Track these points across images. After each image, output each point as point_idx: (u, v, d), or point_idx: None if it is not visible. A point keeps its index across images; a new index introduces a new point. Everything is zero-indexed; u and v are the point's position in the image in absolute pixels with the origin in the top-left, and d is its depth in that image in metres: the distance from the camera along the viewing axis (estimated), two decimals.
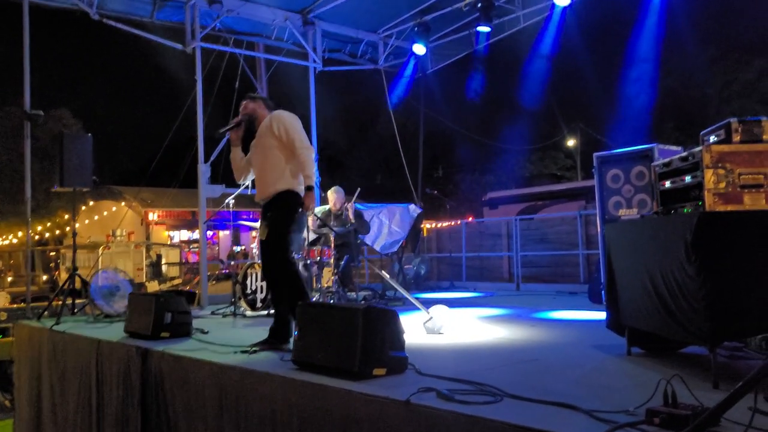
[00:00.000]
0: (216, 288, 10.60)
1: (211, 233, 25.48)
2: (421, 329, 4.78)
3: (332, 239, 6.90)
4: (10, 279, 17.90)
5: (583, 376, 3.21)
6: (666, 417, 2.16)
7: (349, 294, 7.18)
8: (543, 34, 9.37)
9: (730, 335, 2.89)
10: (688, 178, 2.98)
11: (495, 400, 2.59)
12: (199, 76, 8.55)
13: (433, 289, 10.00)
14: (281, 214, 4.37)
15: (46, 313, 6.65)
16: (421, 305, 5.07)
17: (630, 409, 2.35)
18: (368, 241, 8.29)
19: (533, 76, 10.98)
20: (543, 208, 16.51)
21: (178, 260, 19.47)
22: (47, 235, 20.31)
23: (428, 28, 10.01)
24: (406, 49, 10.76)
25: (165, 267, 18.19)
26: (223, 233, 25.90)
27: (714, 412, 2.06)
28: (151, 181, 19.57)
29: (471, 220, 14.38)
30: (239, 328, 5.69)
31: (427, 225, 13.47)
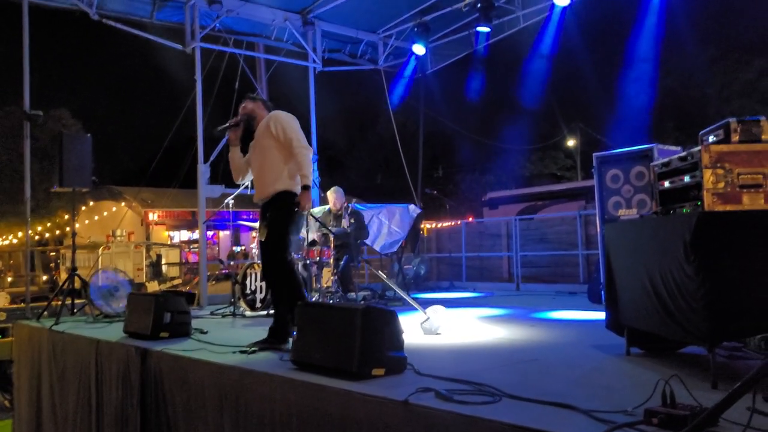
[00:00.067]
0: (216, 288, 10.61)
1: (211, 233, 25.49)
2: (419, 330, 4.77)
3: (332, 239, 6.90)
4: (10, 279, 17.88)
5: (582, 376, 3.20)
6: (664, 417, 2.16)
7: (349, 294, 7.17)
8: (543, 34, 9.37)
9: (728, 335, 2.89)
10: (687, 178, 2.98)
11: (493, 400, 2.59)
12: (198, 77, 8.56)
13: (433, 290, 10.00)
14: (280, 214, 4.38)
15: (45, 313, 6.64)
16: (418, 305, 5.07)
17: (628, 409, 2.35)
18: (368, 241, 8.29)
19: (533, 76, 10.99)
20: (543, 208, 16.51)
21: (178, 260, 19.47)
22: (47, 235, 20.31)
23: (428, 29, 10.01)
24: (406, 49, 10.76)
25: (165, 267, 18.20)
26: (223, 233, 25.91)
27: (712, 412, 2.06)
28: (151, 182, 19.57)
29: (471, 220, 14.37)
30: (238, 328, 5.69)
31: (427, 225, 13.47)
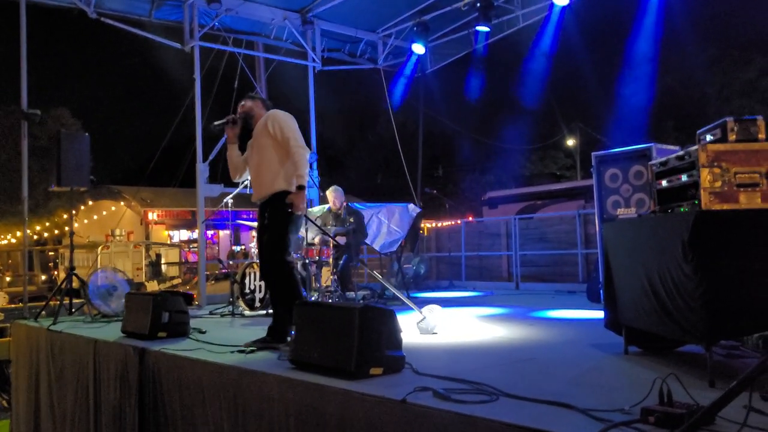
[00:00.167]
0: (215, 288, 10.60)
1: (211, 233, 25.48)
2: (416, 329, 4.77)
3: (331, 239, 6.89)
4: (8, 279, 17.88)
5: (580, 375, 3.20)
6: (661, 416, 2.16)
7: (348, 293, 7.17)
8: (542, 33, 9.37)
9: (726, 334, 2.89)
10: (685, 177, 2.97)
11: (491, 400, 2.59)
12: (197, 75, 8.56)
13: (432, 289, 10.00)
14: (279, 215, 4.36)
15: (43, 312, 6.64)
16: (414, 305, 5.06)
17: (625, 407, 2.35)
18: (367, 240, 8.28)
19: (533, 75, 10.98)
20: (542, 207, 16.52)
21: (177, 260, 19.47)
22: (46, 234, 20.29)
23: (427, 28, 10.02)
24: (406, 48, 10.76)
25: (164, 267, 18.20)
26: (223, 233, 25.90)
27: (709, 410, 2.06)
28: (151, 181, 19.58)
29: (471, 220, 14.37)
30: (237, 328, 5.69)
31: (426, 224, 13.47)
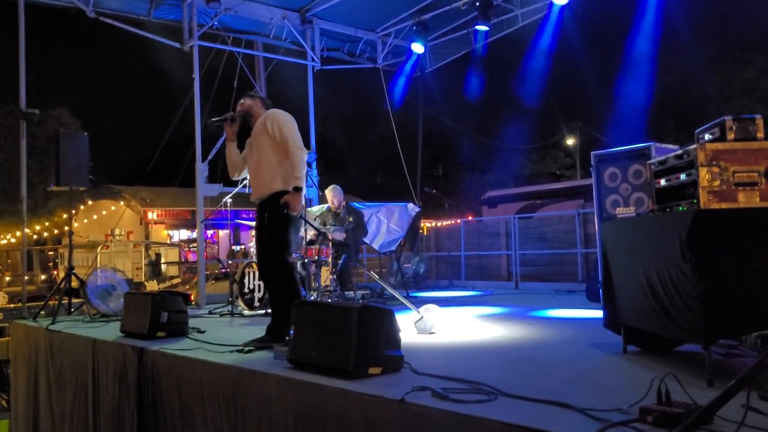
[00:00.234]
0: (215, 287, 10.60)
1: (210, 232, 25.47)
2: (414, 329, 4.76)
3: (330, 238, 6.89)
4: (8, 279, 17.89)
5: (579, 375, 3.20)
6: (659, 415, 2.15)
7: (348, 293, 7.17)
8: (541, 32, 9.36)
9: (724, 333, 2.89)
10: (683, 176, 2.97)
11: (489, 399, 2.59)
12: (196, 75, 8.55)
13: (432, 288, 10.00)
14: (279, 215, 4.33)
15: (42, 312, 6.64)
16: (411, 304, 5.04)
17: (624, 407, 2.35)
18: (367, 240, 8.28)
19: (532, 74, 10.96)
20: (542, 206, 16.51)
21: (177, 259, 19.47)
22: (45, 234, 20.29)
23: (426, 27, 10.01)
24: (405, 48, 10.76)
25: (164, 266, 18.21)
26: (223, 232, 25.89)
27: (707, 409, 2.06)
28: (150, 181, 19.57)
29: (470, 219, 14.36)
30: (236, 328, 5.68)
31: (426, 224, 13.46)
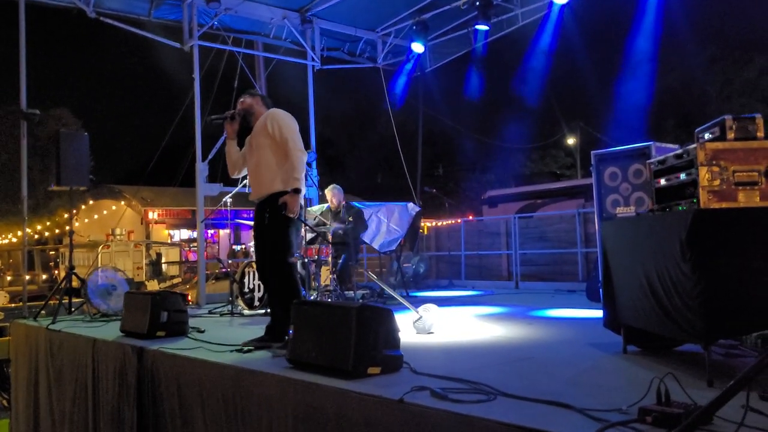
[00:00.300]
0: (215, 287, 10.60)
1: (211, 232, 25.47)
2: (413, 329, 4.75)
3: (330, 237, 6.89)
4: (9, 278, 17.90)
5: (578, 375, 3.20)
6: (658, 415, 2.15)
7: (348, 293, 7.16)
8: (541, 32, 9.36)
9: (724, 333, 2.88)
10: (683, 176, 2.96)
11: (488, 399, 2.58)
12: (197, 75, 8.55)
13: (432, 288, 10.00)
14: (280, 215, 4.31)
15: (43, 312, 6.64)
16: (409, 304, 5.03)
17: (623, 407, 2.34)
18: (367, 239, 8.27)
19: (533, 74, 10.95)
20: (542, 206, 16.48)
21: (178, 259, 19.47)
22: (47, 234, 20.29)
23: (426, 27, 10.01)
24: (405, 47, 10.76)
25: (165, 266, 18.19)
26: (224, 232, 25.88)
27: (706, 410, 2.05)
28: (151, 180, 19.60)
29: (471, 219, 14.36)
30: (236, 327, 5.68)
31: (426, 223, 13.46)
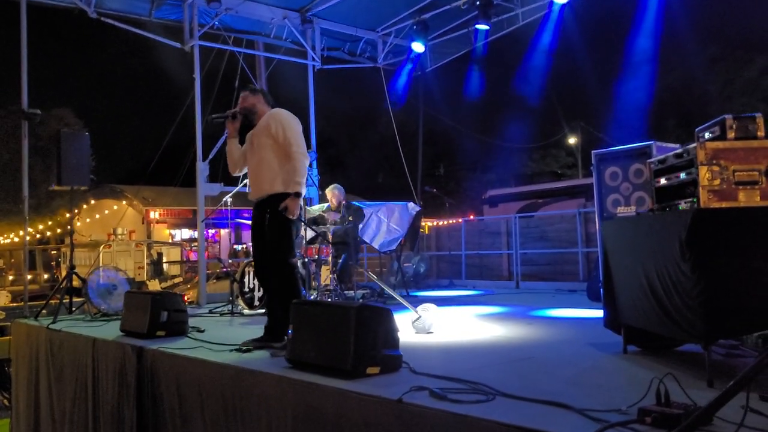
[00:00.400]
0: (216, 286, 10.60)
1: (212, 232, 25.47)
2: (412, 328, 4.74)
3: (330, 237, 6.88)
4: (11, 278, 17.90)
5: (578, 375, 3.19)
6: (658, 416, 2.14)
7: (348, 292, 7.15)
8: (542, 31, 9.34)
9: (724, 333, 2.87)
10: (683, 175, 2.96)
11: (487, 399, 2.57)
12: (197, 75, 8.55)
13: (432, 287, 9.99)
14: (281, 216, 4.30)
15: (44, 311, 6.64)
16: (408, 304, 5.03)
17: (623, 408, 2.33)
18: (367, 239, 8.27)
19: (533, 73, 10.94)
20: (543, 205, 16.46)
21: (179, 259, 19.46)
22: (48, 233, 20.30)
23: (427, 27, 10.00)
24: (405, 47, 10.75)
25: (166, 265, 18.18)
26: (224, 231, 25.87)
27: (706, 410, 2.04)
28: (152, 180, 19.59)
29: (471, 218, 14.35)
30: (236, 327, 5.68)
31: (427, 223, 13.45)
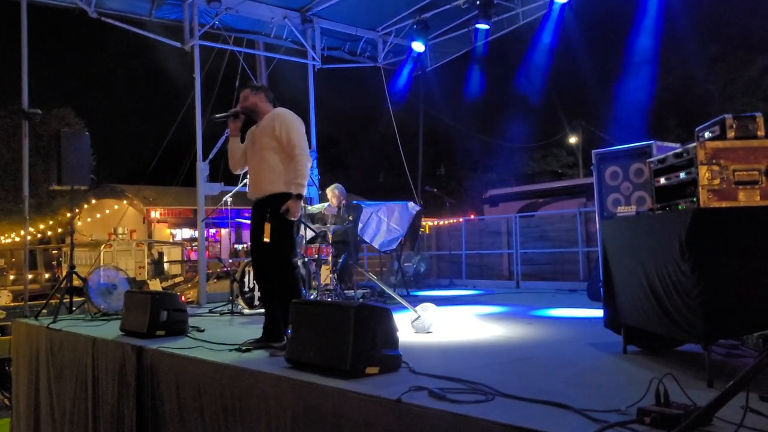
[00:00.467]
0: (216, 286, 10.59)
1: (213, 231, 25.46)
2: (411, 328, 4.74)
3: (330, 236, 6.87)
4: (12, 277, 17.91)
5: (578, 375, 3.18)
6: (657, 416, 2.13)
7: (348, 292, 7.15)
8: (542, 30, 9.33)
9: (724, 333, 2.86)
10: (683, 175, 2.95)
11: (487, 399, 2.57)
12: (197, 74, 8.55)
13: (433, 287, 9.99)
14: (282, 216, 4.28)
15: (44, 311, 6.64)
16: (407, 304, 5.02)
17: (622, 408, 2.33)
18: (367, 238, 8.27)
19: (534, 73, 10.92)
20: (543, 205, 16.44)
21: (180, 258, 19.45)
22: (50, 233, 20.31)
23: (427, 26, 9.99)
24: (405, 46, 10.74)
25: (167, 265, 18.17)
26: (225, 231, 25.86)
27: (705, 411, 2.04)
28: (153, 180, 19.59)
29: (472, 218, 14.34)
30: (235, 326, 5.68)
31: (427, 222, 13.44)
